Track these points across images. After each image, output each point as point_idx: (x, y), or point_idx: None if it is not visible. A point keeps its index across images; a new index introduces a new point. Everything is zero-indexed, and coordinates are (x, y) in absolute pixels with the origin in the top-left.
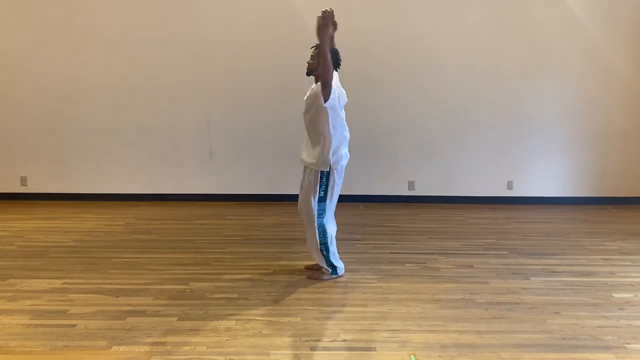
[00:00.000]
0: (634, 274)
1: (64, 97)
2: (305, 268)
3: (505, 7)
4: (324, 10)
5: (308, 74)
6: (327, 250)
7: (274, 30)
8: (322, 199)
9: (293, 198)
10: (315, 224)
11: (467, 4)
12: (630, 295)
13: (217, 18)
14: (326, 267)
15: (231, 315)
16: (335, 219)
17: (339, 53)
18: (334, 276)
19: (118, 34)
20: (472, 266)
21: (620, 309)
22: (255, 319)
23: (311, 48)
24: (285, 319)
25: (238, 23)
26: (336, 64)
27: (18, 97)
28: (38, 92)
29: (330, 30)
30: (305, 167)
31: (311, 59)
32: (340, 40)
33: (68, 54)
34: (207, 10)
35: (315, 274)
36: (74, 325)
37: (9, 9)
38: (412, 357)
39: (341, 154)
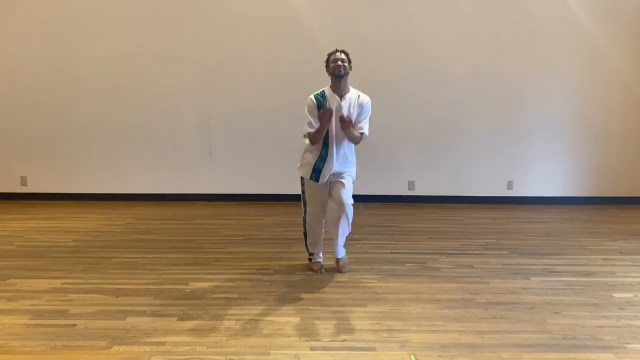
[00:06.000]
0: (634, 274)
1: (63, 97)
2: (308, 269)
3: (506, 9)
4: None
5: (342, 76)
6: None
7: (275, 30)
8: None
9: (293, 198)
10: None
11: (468, 6)
12: (630, 295)
13: (217, 18)
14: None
15: (231, 315)
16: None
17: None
18: None
19: (118, 34)
20: (472, 266)
21: (620, 309)
22: (255, 319)
23: (337, 52)
24: (285, 319)
25: (238, 23)
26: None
27: (17, 97)
28: (38, 92)
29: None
30: (331, 180)
31: (342, 62)
32: (342, 39)
33: (67, 54)
34: (207, 10)
35: (342, 262)
36: (74, 325)
37: (6, 9)
38: (412, 357)
39: None
